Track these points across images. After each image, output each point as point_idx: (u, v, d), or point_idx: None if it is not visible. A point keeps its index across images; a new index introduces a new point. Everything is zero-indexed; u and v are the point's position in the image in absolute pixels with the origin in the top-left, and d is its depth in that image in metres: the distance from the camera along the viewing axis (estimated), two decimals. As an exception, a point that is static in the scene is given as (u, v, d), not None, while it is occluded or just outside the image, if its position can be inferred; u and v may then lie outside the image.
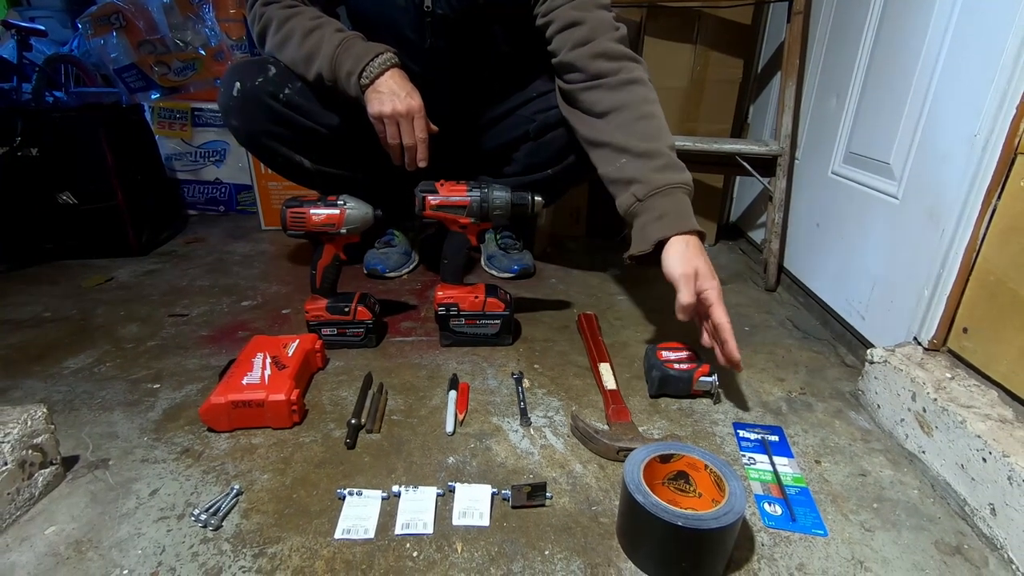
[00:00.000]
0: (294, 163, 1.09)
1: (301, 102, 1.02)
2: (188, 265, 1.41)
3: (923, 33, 0.85)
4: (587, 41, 0.89)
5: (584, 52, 0.89)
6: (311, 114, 1.03)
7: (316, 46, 0.93)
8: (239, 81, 0.98)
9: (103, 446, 0.74)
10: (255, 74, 0.99)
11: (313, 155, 1.10)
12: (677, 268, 0.80)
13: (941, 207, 0.80)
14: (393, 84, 0.91)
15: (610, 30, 0.90)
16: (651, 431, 0.79)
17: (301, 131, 1.04)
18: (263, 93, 0.99)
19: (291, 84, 1.00)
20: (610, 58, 0.89)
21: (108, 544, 0.59)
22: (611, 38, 0.89)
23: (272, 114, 1.01)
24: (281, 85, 1.00)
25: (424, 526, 0.61)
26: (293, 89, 1.01)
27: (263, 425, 0.77)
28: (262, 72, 0.99)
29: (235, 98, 0.99)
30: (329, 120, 1.05)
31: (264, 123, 1.02)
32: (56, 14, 3.36)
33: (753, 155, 1.28)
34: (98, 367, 0.93)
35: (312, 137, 1.06)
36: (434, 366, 0.94)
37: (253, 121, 1.02)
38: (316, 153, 1.10)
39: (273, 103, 1.00)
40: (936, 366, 0.76)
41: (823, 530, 0.62)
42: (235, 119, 1.02)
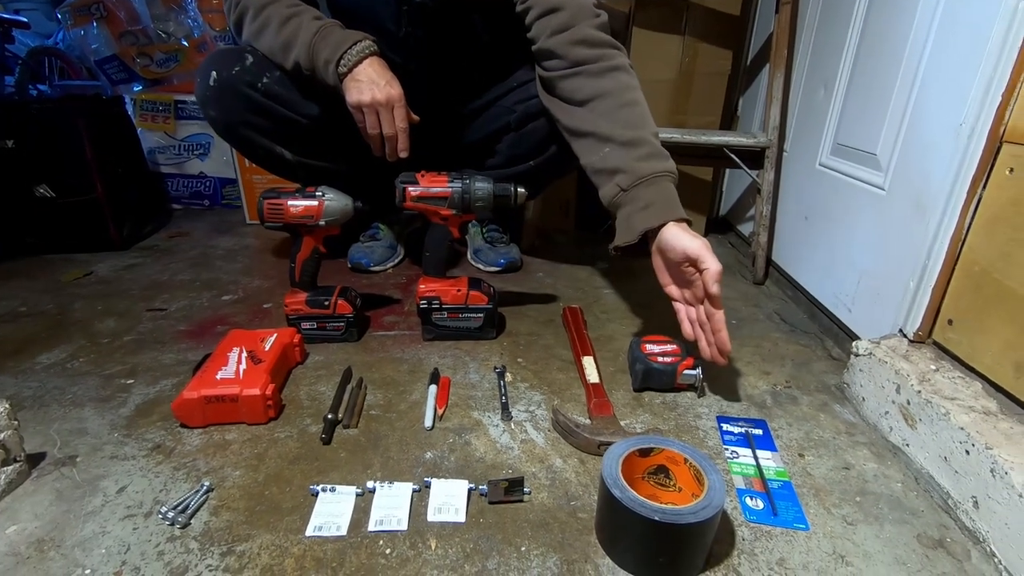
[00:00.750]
0: (275, 155, 1.07)
1: (280, 91, 1.00)
2: (170, 259, 1.38)
3: (910, 22, 0.84)
4: (567, 27, 0.87)
5: (564, 39, 0.87)
6: (290, 104, 1.01)
7: (293, 34, 0.91)
8: (215, 70, 0.96)
9: (71, 443, 0.72)
10: (232, 63, 0.97)
11: (294, 146, 1.08)
12: (692, 241, 0.76)
13: (927, 198, 0.79)
14: (372, 72, 0.89)
15: (590, 16, 0.88)
16: (634, 425, 0.78)
17: (281, 121, 1.02)
18: (240, 82, 0.97)
19: (269, 73, 0.98)
20: (590, 45, 0.87)
21: (71, 543, 0.57)
22: (591, 24, 0.88)
23: (250, 104, 0.99)
24: (259, 74, 0.98)
25: (398, 522, 0.60)
26: (271, 78, 0.99)
27: (238, 421, 0.75)
28: (239, 61, 0.97)
29: (212, 88, 0.97)
30: (309, 110, 1.03)
31: (242, 113, 1.00)
32: (41, 6, 3.31)
33: (741, 147, 1.27)
34: (71, 362, 0.91)
35: (292, 128, 1.04)
36: (416, 360, 0.93)
37: (231, 111, 1.00)
38: (297, 144, 1.08)
39: (251, 92, 0.98)
40: (921, 358, 0.76)
41: (805, 524, 0.61)
42: (212, 109, 1.00)
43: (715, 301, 0.76)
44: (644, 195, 0.81)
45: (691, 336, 0.82)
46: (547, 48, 0.89)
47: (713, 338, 0.78)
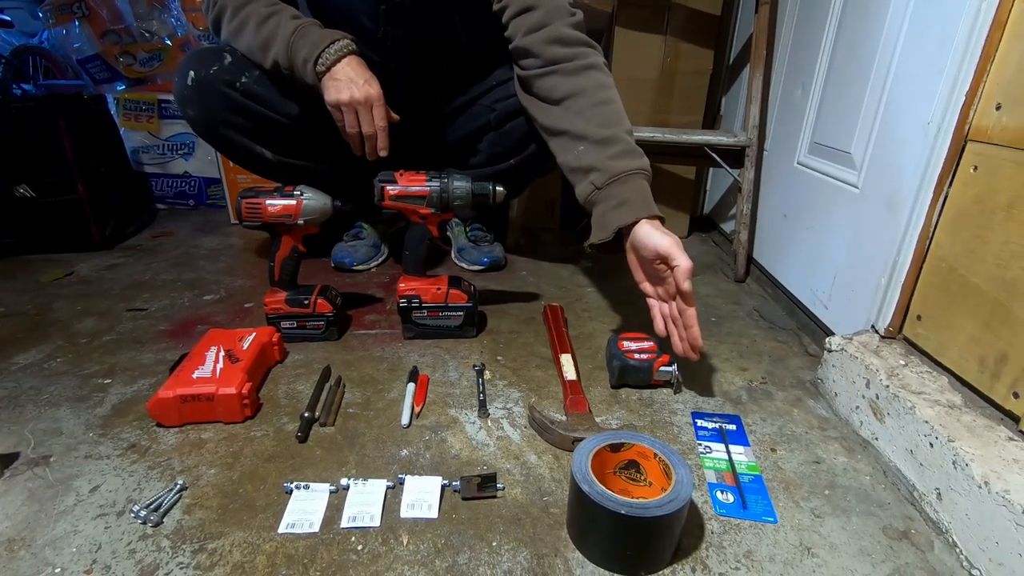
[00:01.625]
0: (255, 154, 1.07)
1: (259, 91, 1.00)
2: (152, 259, 1.38)
3: (882, 21, 0.85)
4: (542, 26, 0.88)
5: (539, 37, 0.88)
6: (270, 103, 1.01)
7: (272, 33, 0.91)
8: (193, 70, 0.96)
9: (46, 442, 0.72)
10: (210, 62, 0.97)
11: (274, 146, 1.08)
12: (663, 239, 0.77)
13: (898, 195, 0.80)
14: (351, 71, 0.89)
15: (565, 15, 0.89)
16: (610, 421, 0.78)
17: (260, 121, 1.02)
18: (219, 81, 0.97)
19: (248, 72, 0.98)
20: (565, 43, 0.88)
21: (42, 542, 0.57)
22: (566, 23, 0.88)
23: (229, 103, 0.99)
24: (238, 73, 0.98)
25: (371, 519, 0.60)
26: (250, 78, 0.98)
27: (214, 419, 0.75)
28: (218, 60, 0.97)
29: (190, 87, 0.97)
30: (289, 110, 1.03)
31: (221, 112, 1.00)
32: (25, 4, 3.27)
33: (722, 146, 1.28)
34: (48, 362, 0.91)
35: (272, 127, 1.04)
36: (395, 359, 0.93)
37: (210, 111, 1.00)
38: (277, 144, 1.08)
39: (230, 92, 0.98)
40: (891, 353, 0.77)
41: (773, 517, 0.62)
42: (191, 109, 1.00)
43: (687, 297, 0.77)
44: (618, 193, 0.81)
45: (663, 332, 0.82)
46: (523, 47, 0.90)
47: (685, 334, 0.79)
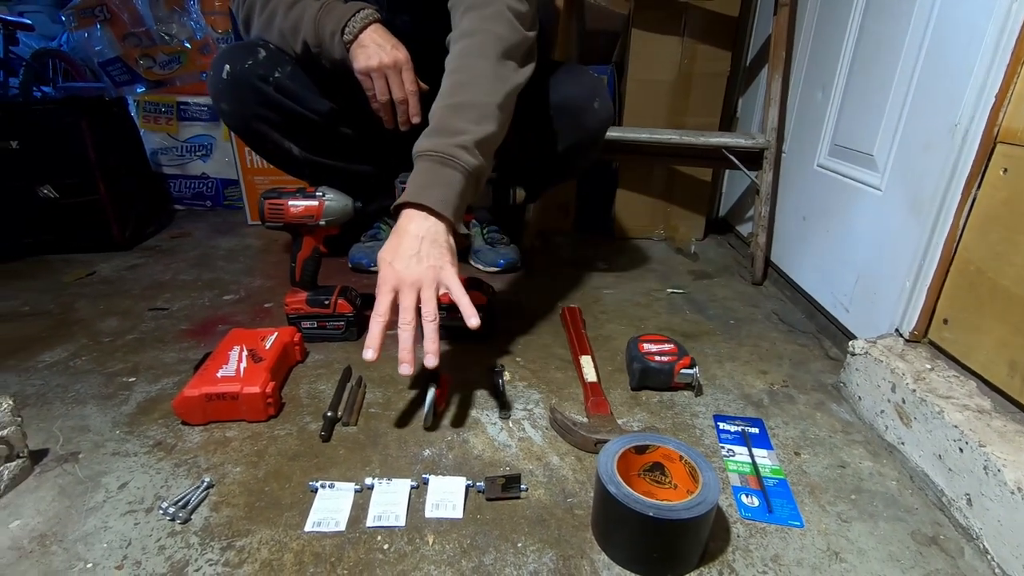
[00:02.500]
0: (283, 150, 1.08)
1: (291, 86, 1.01)
2: (172, 260, 1.39)
3: (906, 22, 0.85)
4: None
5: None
6: (301, 99, 1.02)
7: (299, 15, 0.92)
8: (229, 64, 0.97)
9: (74, 439, 0.73)
10: (245, 57, 0.97)
11: (302, 142, 1.09)
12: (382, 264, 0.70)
13: (923, 198, 0.79)
14: (377, 37, 0.89)
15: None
16: (631, 423, 0.78)
17: (290, 117, 1.03)
18: (253, 76, 0.97)
19: (281, 68, 0.99)
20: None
21: (73, 538, 0.58)
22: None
23: (262, 97, 1.00)
24: (271, 68, 0.99)
25: (396, 518, 0.61)
26: (283, 73, 0.99)
27: (238, 418, 0.76)
28: (252, 55, 0.98)
29: (224, 81, 0.98)
30: (319, 106, 1.04)
31: (254, 106, 1.00)
32: (45, 8, 3.33)
33: (740, 148, 1.27)
34: (74, 361, 0.92)
35: (302, 123, 1.05)
36: (415, 359, 0.93)
37: (243, 104, 1.00)
38: (305, 140, 1.08)
39: (263, 86, 0.99)
40: (916, 357, 0.76)
41: (799, 521, 0.62)
42: (225, 102, 1.01)
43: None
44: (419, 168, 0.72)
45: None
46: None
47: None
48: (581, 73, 1.02)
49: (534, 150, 1.04)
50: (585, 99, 0.97)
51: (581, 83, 0.97)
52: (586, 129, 0.99)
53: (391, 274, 0.69)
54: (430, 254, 0.69)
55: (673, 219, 1.57)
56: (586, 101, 0.97)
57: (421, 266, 0.69)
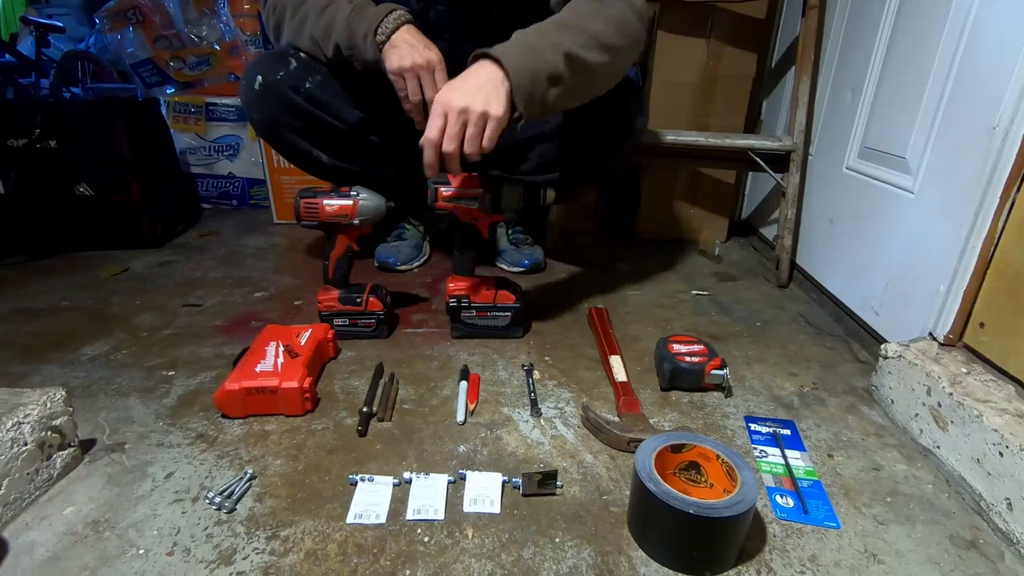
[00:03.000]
0: (311, 157, 1.10)
1: (322, 96, 1.02)
2: (202, 257, 1.42)
3: (942, 25, 0.84)
4: None
5: None
6: (331, 109, 1.04)
7: (331, 18, 0.93)
8: (261, 75, 0.99)
9: (120, 430, 0.75)
10: (277, 68, 0.99)
11: (331, 150, 1.10)
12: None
13: (958, 201, 0.79)
14: (409, 37, 0.89)
15: None
16: (662, 423, 0.79)
17: (320, 126, 1.05)
18: (285, 86, 0.99)
19: (312, 77, 1.01)
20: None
21: (125, 524, 0.60)
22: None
23: (293, 107, 1.01)
24: (302, 78, 1.00)
25: (435, 512, 0.62)
26: (314, 83, 1.01)
27: (276, 412, 0.78)
28: (284, 65, 0.99)
29: (257, 92, 0.99)
30: (348, 116, 1.05)
31: (285, 116, 1.02)
32: (73, 11, 3.40)
33: (766, 150, 1.27)
34: (114, 354, 0.94)
35: (331, 133, 1.06)
36: (445, 357, 0.95)
37: (274, 114, 1.02)
38: (334, 148, 1.10)
39: (294, 96, 1.00)
40: (952, 361, 0.76)
41: (835, 522, 0.62)
42: (257, 112, 1.03)
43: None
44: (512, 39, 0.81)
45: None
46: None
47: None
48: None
49: (571, 151, 1.05)
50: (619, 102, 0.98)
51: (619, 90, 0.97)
52: (621, 137, 1.00)
53: (445, 100, 0.76)
54: (488, 98, 0.76)
55: (696, 221, 1.57)
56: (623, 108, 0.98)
57: (474, 102, 0.76)
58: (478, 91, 0.76)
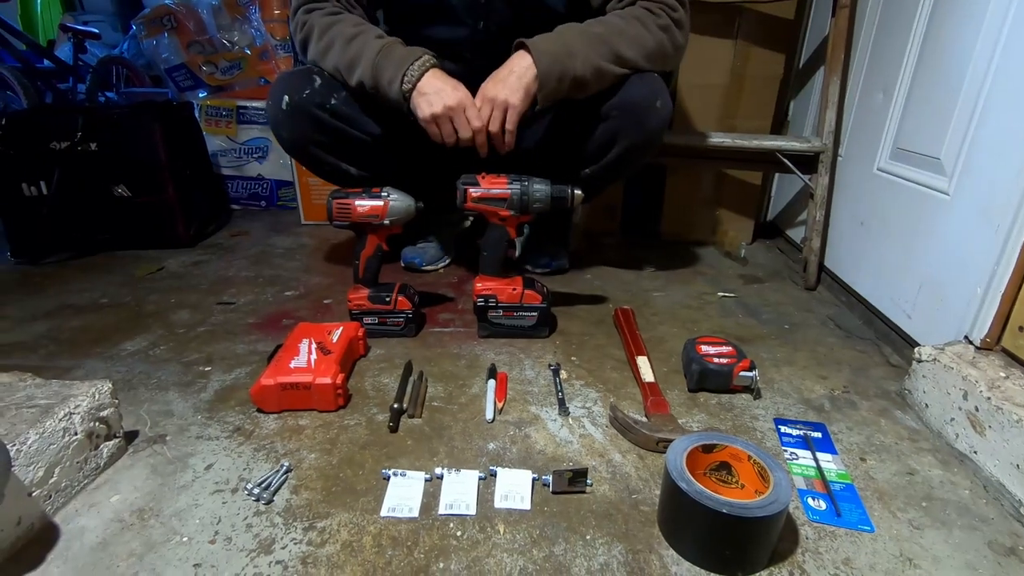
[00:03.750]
0: (340, 171, 1.11)
1: (347, 111, 1.04)
2: (233, 257, 1.45)
3: (978, 25, 0.83)
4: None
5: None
6: (356, 123, 1.06)
7: (358, 53, 0.95)
8: (287, 94, 1.01)
9: (160, 423, 0.77)
10: (302, 86, 1.01)
11: (358, 162, 1.12)
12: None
13: (996, 203, 0.77)
14: (436, 83, 0.91)
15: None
16: (690, 424, 0.79)
17: (347, 140, 1.07)
18: (311, 104, 1.01)
19: (336, 94, 1.02)
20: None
21: (168, 513, 0.62)
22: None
23: (320, 124, 1.03)
24: (328, 95, 1.02)
25: (467, 507, 0.63)
26: (339, 99, 1.03)
27: (309, 407, 0.80)
28: (309, 83, 1.01)
29: (284, 111, 1.01)
30: (373, 128, 1.07)
31: (312, 133, 1.04)
32: (108, 18, 3.52)
33: (795, 152, 1.26)
34: (153, 350, 0.97)
35: (358, 145, 1.08)
36: (472, 356, 0.96)
37: (302, 132, 1.04)
38: (361, 160, 1.12)
39: (321, 114, 1.02)
40: (989, 365, 0.74)
41: (870, 526, 0.61)
42: (284, 131, 1.05)
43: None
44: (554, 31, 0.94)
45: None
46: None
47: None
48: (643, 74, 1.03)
49: (597, 150, 1.06)
50: (648, 99, 0.98)
51: (644, 83, 0.98)
52: (649, 128, 1.00)
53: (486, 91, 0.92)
54: (513, 88, 0.91)
55: (721, 222, 1.56)
56: (649, 101, 0.98)
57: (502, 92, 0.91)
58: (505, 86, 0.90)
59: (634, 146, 1.03)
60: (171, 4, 1.81)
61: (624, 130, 1.01)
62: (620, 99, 0.99)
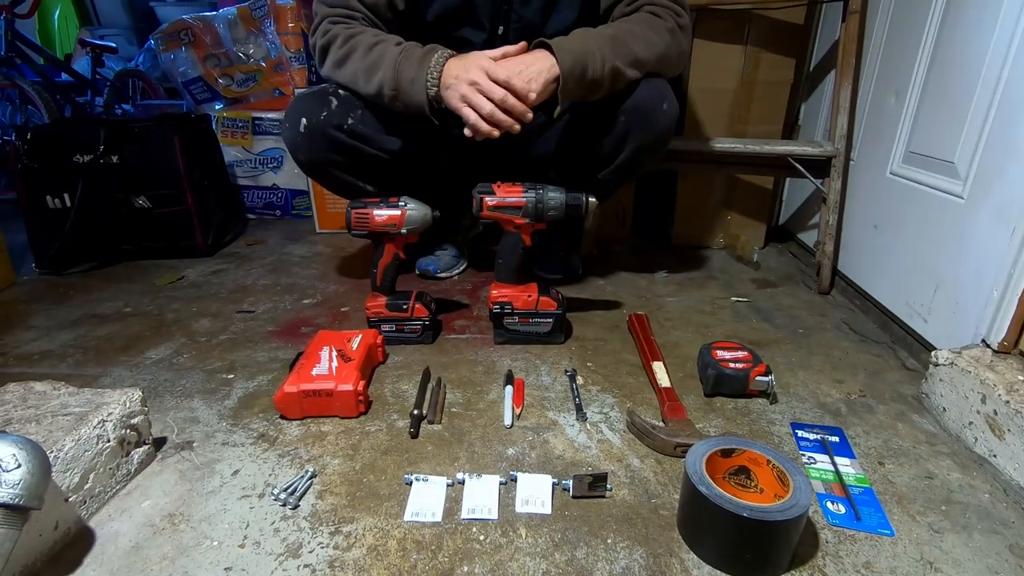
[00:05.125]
0: (358, 188, 1.13)
1: (363, 130, 1.06)
2: (251, 265, 1.48)
3: (991, 28, 0.84)
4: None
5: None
6: (373, 141, 1.08)
7: (379, 56, 0.97)
8: (305, 117, 1.03)
9: (187, 429, 0.79)
10: (319, 108, 1.03)
11: (376, 179, 1.14)
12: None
13: (1011, 206, 0.78)
14: (455, 70, 0.92)
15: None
16: (707, 429, 0.79)
17: (365, 159, 1.09)
18: (328, 126, 1.03)
19: (353, 113, 1.04)
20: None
21: (198, 518, 0.64)
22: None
23: (337, 145, 1.05)
24: (345, 115, 1.04)
25: (489, 512, 0.64)
26: (355, 118, 1.05)
27: (331, 414, 0.81)
28: (326, 105, 1.03)
29: (302, 134, 1.04)
30: (390, 145, 1.09)
31: (330, 154, 1.06)
32: (123, 31, 3.58)
33: (806, 156, 1.27)
34: (177, 358, 0.99)
35: (375, 163, 1.10)
36: (489, 362, 0.97)
37: (320, 154, 1.06)
38: (379, 176, 1.14)
39: (338, 135, 1.04)
40: (1007, 368, 0.74)
41: (889, 530, 0.62)
42: (302, 153, 1.07)
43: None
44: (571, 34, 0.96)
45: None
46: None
47: None
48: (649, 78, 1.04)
49: (609, 153, 1.07)
50: (655, 101, 0.99)
51: (650, 87, 0.99)
52: (657, 129, 1.02)
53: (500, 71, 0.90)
54: (531, 79, 0.90)
55: (733, 227, 1.56)
56: (656, 103, 0.99)
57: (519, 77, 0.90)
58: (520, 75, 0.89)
59: (644, 147, 1.04)
60: (188, 19, 1.85)
61: (633, 132, 1.02)
62: (628, 103, 1.00)
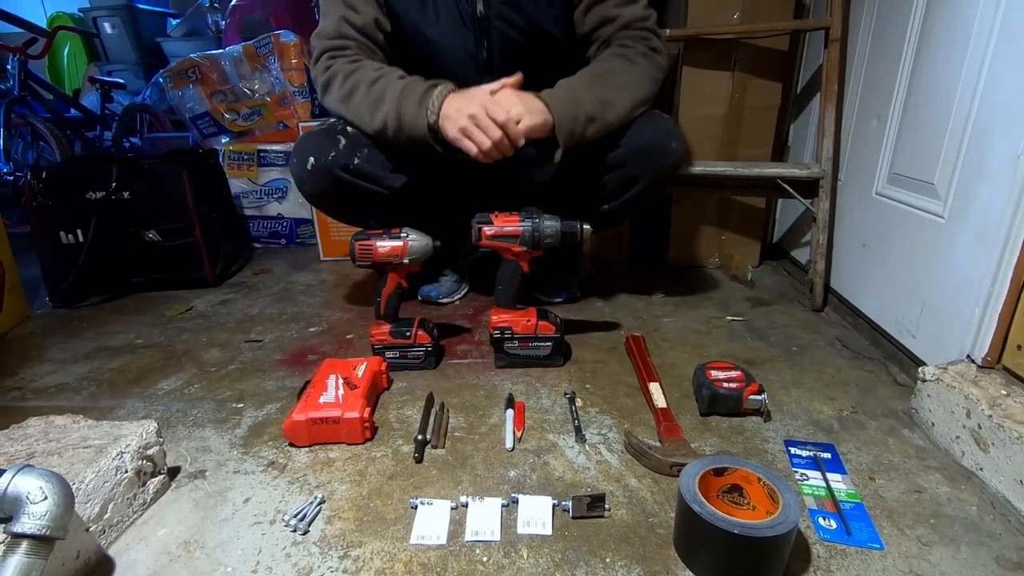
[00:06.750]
0: (361, 221, 1.18)
1: (369, 170, 1.11)
2: (257, 295, 1.52)
3: (962, 55, 0.88)
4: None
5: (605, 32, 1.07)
6: (377, 179, 1.13)
7: (381, 92, 1.01)
8: (313, 156, 1.08)
9: (199, 459, 0.82)
10: (327, 148, 1.08)
11: (378, 213, 1.18)
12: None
13: (988, 226, 0.81)
14: (455, 104, 0.96)
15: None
16: (703, 448, 0.82)
17: (368, 196, 1.14)
18: (335, 166, 1.08)
19: (359, 152, 1.10)
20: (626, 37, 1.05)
21: (212, 545, 0.66)
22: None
23: (342, 184, 1.10)
24: (351, 155, 1.09)
25: (492, 534, 0.66)
26: (361, 157, 1.10)
27: (338, 440, 0.84)
28: (334, 145, 1.08)
29: (309, 172, 1.09)
30: (394, 183, 1.14)
31: (335, 191, 1.12)
32: (131, 66, 3.69)
33: (795, 178, 1.30)
34: (187, 388, 1.03)
35: (377, 199, 1.15)
36: (490, 386, 1.00)
37: (325, 190, 1.12)
38: (380, 211, 1.18)
39: (344, 174, 1.09)
40: (991, 383, 0.77)
41: (879, 544, 0.64)
42: (308, 188, 1.13)
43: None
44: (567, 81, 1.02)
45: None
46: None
47: None
48: (657, 116, 1.08)
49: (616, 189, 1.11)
50: (664, 141, 1.04)
51: (659, 126, 1.04)
52: (666, 168, 1.06)
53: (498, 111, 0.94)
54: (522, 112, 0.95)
55: (728, 246, 1.60)
56: (665, 143, 1.04)
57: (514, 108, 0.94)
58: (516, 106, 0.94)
59: (653, 184, 1.09)
60: (196, 57, 1.92)
61: (644, 173, 1.07)
62: (639, 144, 1.04)
